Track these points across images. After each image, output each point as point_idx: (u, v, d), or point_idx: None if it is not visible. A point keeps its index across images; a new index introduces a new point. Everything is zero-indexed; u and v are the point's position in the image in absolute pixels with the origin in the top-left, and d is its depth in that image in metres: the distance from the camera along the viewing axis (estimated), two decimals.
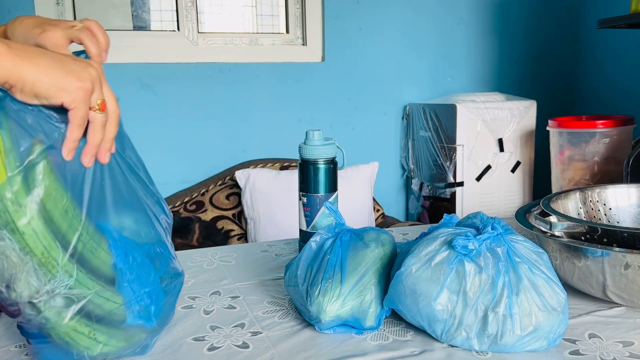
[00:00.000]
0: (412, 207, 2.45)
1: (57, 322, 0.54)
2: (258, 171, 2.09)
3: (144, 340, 0.62)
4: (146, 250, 0.61)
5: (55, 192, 0.51)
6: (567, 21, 2.58)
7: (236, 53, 2.22)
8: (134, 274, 0.58)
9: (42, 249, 0.51)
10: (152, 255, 0.62)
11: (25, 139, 0.49)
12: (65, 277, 0.53)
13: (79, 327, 0.55)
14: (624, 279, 0.70)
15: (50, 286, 0.52)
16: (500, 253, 0.63)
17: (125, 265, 0.57)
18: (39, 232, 0.50)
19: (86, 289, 0.55)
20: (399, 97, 2.42)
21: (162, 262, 0.64)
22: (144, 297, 0.59)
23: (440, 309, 0.63)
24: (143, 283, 0.59)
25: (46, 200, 0.50)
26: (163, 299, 0.63)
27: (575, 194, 0.96)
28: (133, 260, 0.58)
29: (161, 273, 0.63)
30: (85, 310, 0.55)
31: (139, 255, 0.59)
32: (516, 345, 0.62)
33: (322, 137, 0.90)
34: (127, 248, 0.58)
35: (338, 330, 0.69)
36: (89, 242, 0.54)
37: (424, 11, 2.39)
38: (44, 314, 0.53)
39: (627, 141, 1.74)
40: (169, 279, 0.65)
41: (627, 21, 1.62)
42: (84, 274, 0.54)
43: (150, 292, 0.60)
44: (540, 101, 2.22)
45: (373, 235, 0.74)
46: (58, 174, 0.51)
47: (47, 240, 0.51)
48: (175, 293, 0.68)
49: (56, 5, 2.03)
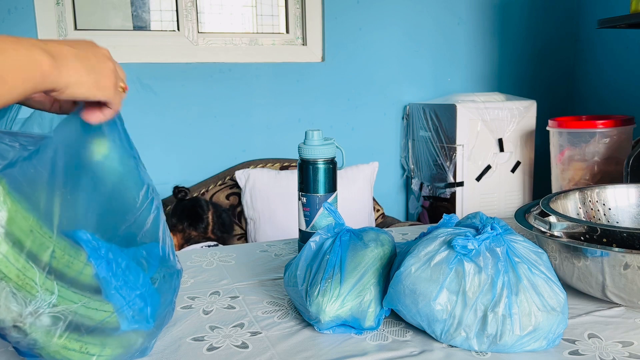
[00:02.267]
0: (412, 207, 2.45)
1: (45, 342, 0.53)
2: (258, 171, 2.09)
3: (143, 343, 0.61)
4: (131, 254, 0.60)
5: (17, 213, 0.49)
6: (567, 21, 2.58)
7: (236, 53, 2.22)
8: (120, 280, 0.57)
9: (16, 272, 0.49)
10: (138, 258, 0.61)
11: None
12: (46, 296, 0.51)
13: (69, 344, 0.54)
14: (623, 279, 0.70)
15: (33, 307, 0.51)
16: (500, 253, 0.63)
17: (109, 273, 0.56)
18: (9, 256, 0.49)
19: (72, 303, 0.53)
20: (399, 97, 2.42)
21: (150, 262, 0.62)
22: (136, 301, 0.58)
23: (440, 309, 0.63)
24: (132, 287, 0.58)
25: (9, 224, 0.49)
26: (158, 299, 0.62)
27: (575, 194, 0.96)
28: (117, 266, 0.57)
29: (151, 274, 0.62)
30: (75, 324, 0.54)
31: (124, 259, 0.58)
32: (516, 345, 0.62)
33: (322, 137, 0.90)
34: (108, 255, 0.56)
35: (337, 331, 0.69)
36: (63, 257, 0.53)
37: (424, 11, 2.39)
38: (30, 335, 0.52)
39: (627, 141, 1.74)
40: (162, 278, 0.64)
41: (627, 21, 1.62)
42: (66, 289, 0.53)
43: (142, 294, 0.59)
44: (540, 101, 2.22)
45: (372, 235, 0.74)
46: (18, 194, 0.50)
47: (19, 262, 0.50)
48: (172, 291, 0.67)
49: (56, 5, 2.03)
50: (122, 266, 0.58)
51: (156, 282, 0.63)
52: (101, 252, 0.56)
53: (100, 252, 0.56)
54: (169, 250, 0.67)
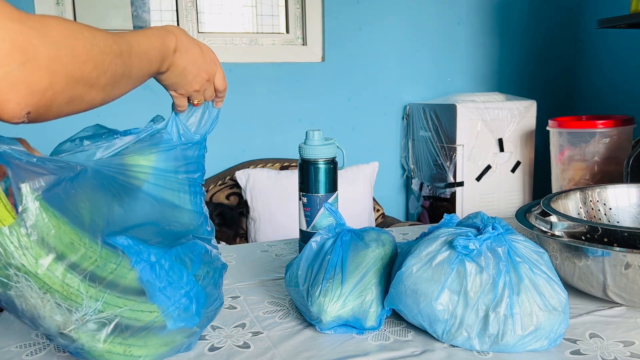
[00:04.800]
0: (412, 207, 2.45)
1: (91, 347, 0.55)
2: (258, 171, 2.09)
3: (188, 340, 0.63)
4: (174, 254, 0.61)
5: (58, 228, 0.51)
6: (567, 21, 2.58)
7: (236, 53, 2.22)
8: (164, 282, 0.58)
9: (60, 283, 0.51)
10: (182, 256, 0.62)
11: (20, 184, 0.49)
12: (92, 303, 0.53)
13: (113, 349, 0.56)
14: (624, 278, 0.70)
15: (79, 314, 0.53)
16: (501, 253, 0.63)
17: (153, 276, 0.57)
18: (52, 269, 0.51)
19: (117, 307, 0.55)
20: (399, 97, 2.42)
21: (194, 260, 0.64)
22: (181, 300, 0.60)
23: (441, 309, 0.63)
24: (177, 287, 0.60)
25: (51, 238, 0.51)
26: (204, 296, 0.63)
27: (576, 194, 0.96)
28: (160, 268, 0.58)
29: (195, 270, 0.63)
30: (121, 327, 0.56)
31: (167, 259, 0.59)
32: (517, 345, 0.62)
33: (322, 137, 0.90)
34: (151, 258, 0.58)
35: (339, 331, 0.69)
36: (107, 265, 0.55)
37: (424, 11, 2.39)
38: (77, 342, 0.54)
39: (627, 141, 1.74)
40: (206, 274, 0.65)
41: (627, 21, 1.62)
42: (112, 295, 0.55)
43: (187, 293, 0.61)
44: (540, 101, 2.22)
45: (373, 235, 0.74)
46: (59, 211, 0.51)
47: (62, 274, 0.52)
48: (215, 284, 0.68)
49: (56, 5, 2.03)
50: (166, 267, 0.59)
51: (200, 279, 0.64)
52: (144, 256, 0.57)
53: (143, 256, 0.57)
54: (211, 246, 0.68)
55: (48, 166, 0.51)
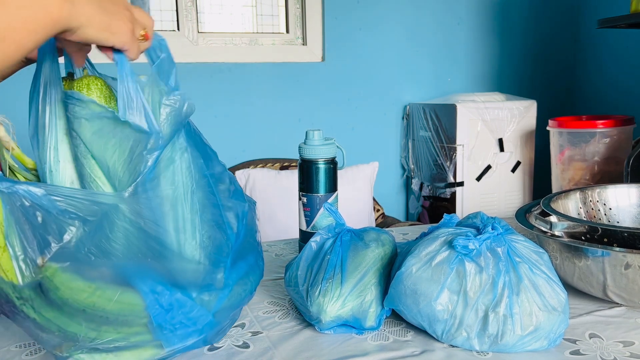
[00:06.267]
0: (412, 207, 2.45)
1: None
2: (258, 171, 2.09)
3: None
4: (188, 291, 0.58)
5: (71, 292, 0.51)
6: (567, 21, 2.58)
7: (236, 53, 2.22)
8: (176, 321, 0.57)
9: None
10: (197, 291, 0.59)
11: (35, 250, 0.49)
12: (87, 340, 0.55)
13: None
14: (624, 278, 0.70)
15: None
16: (501, 253, 0.63)
17: (164, 320, 0.56)
18: (61, 324, 0.53)
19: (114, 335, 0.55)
20: (399, 97, 2.42)
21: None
22: (187, 335, 0.59)
23: (441, 309, 0.63)
24: (187, 323, 0.58)
25: (65, 302, 0.51)
26: (212, 323, 0.61)
27: (576, 194, 0.96)
28: (176, 310, 0.56)
29: (217, 307, 0.61)
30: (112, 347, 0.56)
31: (184, 294, 0.57)
32: (517, 345, 0.62)
33: (322, 137, 0.90)
34: (165, 301, 0.55)
35: (338, 331, 0.69)
36: (119, 317, 0.54)
37: (424, 11, 2.39)
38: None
39: (627, 141, 1.74)
40: (212, 295, 0.61)
41: (627, 21, 1.62)
42: (109, 327, 0.55)
43: (197, 328, 0.59)
44: (540, 101, 2.22)
45: (373, 235, 0.74)
46: (74, 273, 0.51)
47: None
48: (232, 310, 0.65)
49: None
50: (180, 307, 0.57)
51: (208, 298, 0.60)
52: (162, 299, 0.55)
53: (162, 298, 0.55)
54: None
55: (64, 217, 0.49)
